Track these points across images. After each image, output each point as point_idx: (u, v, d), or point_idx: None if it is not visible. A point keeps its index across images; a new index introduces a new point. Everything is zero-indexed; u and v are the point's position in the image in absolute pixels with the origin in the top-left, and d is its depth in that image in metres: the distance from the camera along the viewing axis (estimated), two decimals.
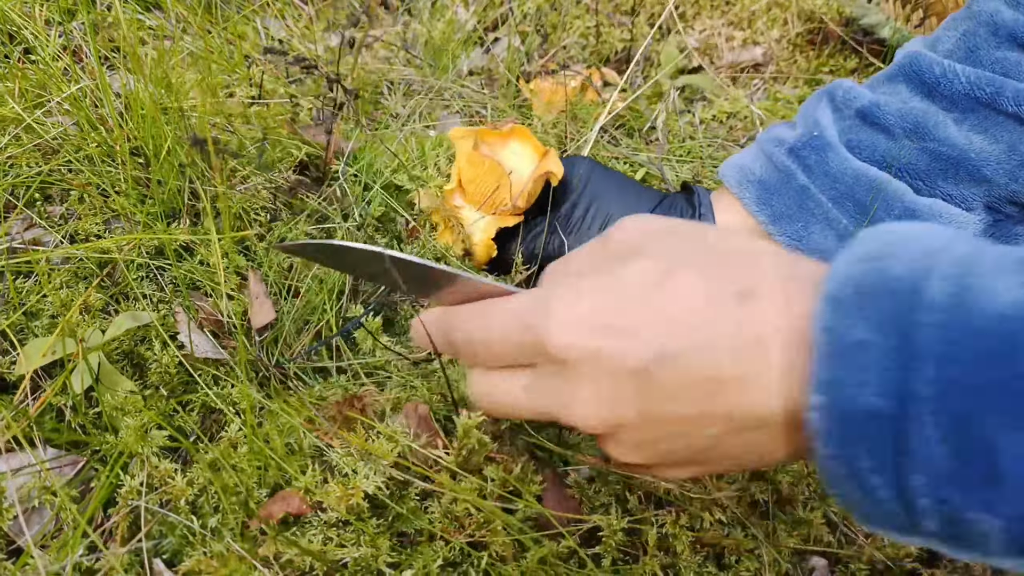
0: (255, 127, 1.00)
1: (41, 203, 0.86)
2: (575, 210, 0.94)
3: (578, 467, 0.77)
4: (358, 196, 0.94)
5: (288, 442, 0.70)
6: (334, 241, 0.57)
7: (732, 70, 1.44)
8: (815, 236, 0.84)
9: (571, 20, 1.46)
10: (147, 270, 0.82)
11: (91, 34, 0.84)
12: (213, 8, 1.21)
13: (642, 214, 0.54)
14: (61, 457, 0.67)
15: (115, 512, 0.64)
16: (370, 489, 0.65)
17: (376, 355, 0.82)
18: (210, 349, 0.76)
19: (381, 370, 0.82)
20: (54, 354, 0.70)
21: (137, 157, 0.88)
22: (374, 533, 0.64)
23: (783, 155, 0.86)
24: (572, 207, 0.94)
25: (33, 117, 0.85)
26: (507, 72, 1.28)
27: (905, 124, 0.82)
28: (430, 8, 1.44)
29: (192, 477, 0.66)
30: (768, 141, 0.89)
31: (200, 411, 0.74)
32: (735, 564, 0.69)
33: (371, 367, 0.82)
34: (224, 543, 0.62)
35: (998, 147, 0.79)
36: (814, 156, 0.84)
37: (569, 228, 0.93)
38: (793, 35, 1.50)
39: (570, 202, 0.95)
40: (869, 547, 0.71)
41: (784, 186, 0.86)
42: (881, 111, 0.83)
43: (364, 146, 1.00)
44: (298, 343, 0.82)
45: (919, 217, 0.81)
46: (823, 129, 0.85)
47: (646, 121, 1.26)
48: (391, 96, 1.24)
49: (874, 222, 0.81)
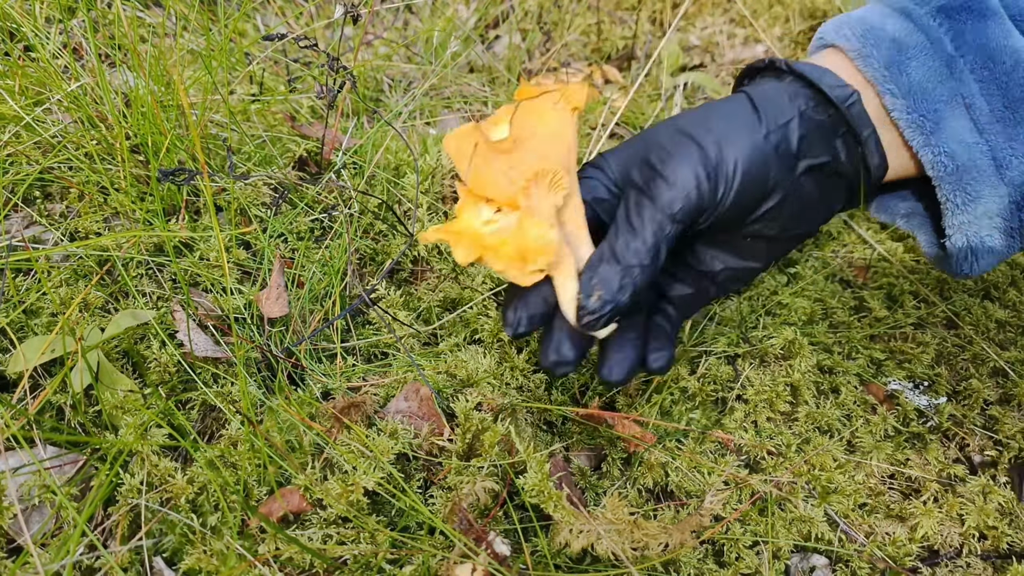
0: (255, 124, 0.99)
1: (41, 200, 0.86)
2: (642, 164, 0.66)
3: (579, 452, 0.78)
4: (356, 185, 0.94)
5: (288, 439, 0.70)
6: None
7: (734, 67, 1.44)
8: (950, 123, 0.66)
9: (573, 17, 1.46)
10: (146, 267, 0.82)
11: (91, 32, 0.84)
12: (214, 4, 1.20)
13: None
14: (61, 455, 0.67)
15: (115, 510, 0.64)
16: (370, 485, 0.65)
17: (383, 332, 0.82)
18: (210, 347, 0.76)
19: (392, 349, 0.82)
20: (53, 352, 0.70)
21: (137, 154, 0.88)
22: (374, 530, 0.64)
23: (928, 15, 0.68)
24: (636, 166, 0.66)
25: (33, 115, 0.85)
26: (507, 72, 1.28)
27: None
28: (431, 5, 1.44)
29: (192, 475, 0.66)
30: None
31: (200, 409, 0.74)
32: (735, 561, 0.69)
33: (379, 347, 0.82)
34: (224, 541, 0.62)
35: None
36: (971, 23, 0.66)
37: (658, 163, 0.65)
38: (795, 32, 1.49)
39: (637, 166, 0.66)
40: (870, 545, 0.71)
41: (927, 53, 0.67)
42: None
43: (365, 139, 1.00)
44: (306, 329, 0.82)
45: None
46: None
47: (648, 119, 1.26)
48: (392, 93, 1.24)
49: (1020, 122, 0.65)
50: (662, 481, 0.74)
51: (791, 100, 0.66)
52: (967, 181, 0.66)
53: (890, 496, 0.77)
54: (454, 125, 1.19)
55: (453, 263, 0.90)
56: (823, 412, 0.81)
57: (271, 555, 0.62)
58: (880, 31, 0.68)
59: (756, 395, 0.82)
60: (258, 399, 0.73)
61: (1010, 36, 0.65)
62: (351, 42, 1.33)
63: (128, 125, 0.85)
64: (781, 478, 0.75)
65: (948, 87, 0.66)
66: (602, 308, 0.59)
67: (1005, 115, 0.65)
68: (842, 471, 0.76)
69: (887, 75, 0.66)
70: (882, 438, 0.81)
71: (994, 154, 0.66)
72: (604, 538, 0.63)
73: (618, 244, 0.61)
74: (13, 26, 0.97)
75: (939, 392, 0.85)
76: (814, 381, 0.85)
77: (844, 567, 0.70)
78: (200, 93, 0.97)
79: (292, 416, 0.70)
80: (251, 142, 0.96)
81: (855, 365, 0.87)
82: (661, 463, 0.74)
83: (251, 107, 1.05)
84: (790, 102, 0.66)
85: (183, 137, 0.86)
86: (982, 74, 0.66)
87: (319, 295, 0.84)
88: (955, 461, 0.80)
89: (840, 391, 0.85)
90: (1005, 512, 0.74)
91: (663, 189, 0.61)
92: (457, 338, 0.84)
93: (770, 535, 0.71)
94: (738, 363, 0.86)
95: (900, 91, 0.66)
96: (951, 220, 0.69)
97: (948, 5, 0.67)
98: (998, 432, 0.82)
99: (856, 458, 0.78)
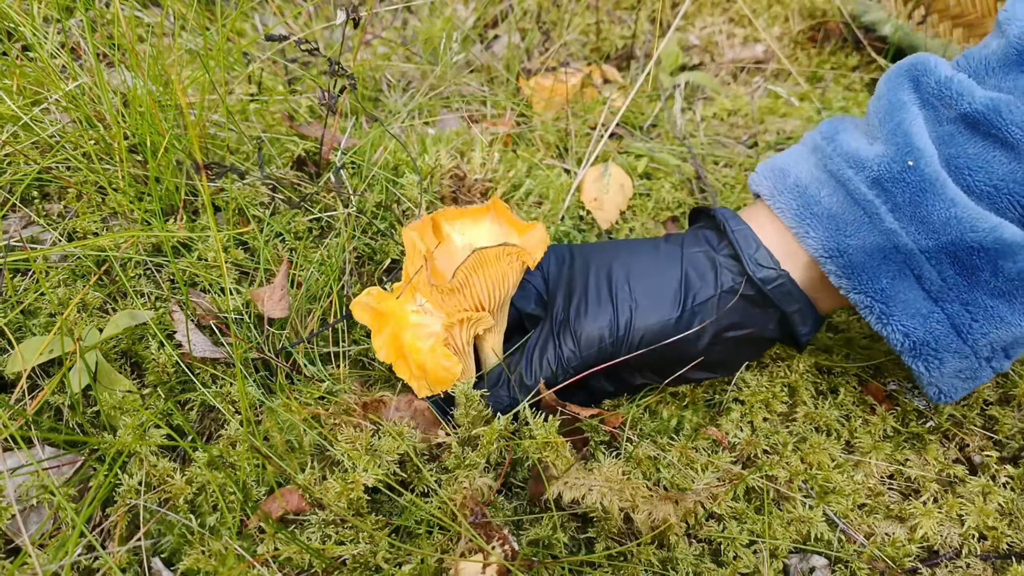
0: (253, 123, 0.99)
1: (39, 200, 0.86)
2: (572, 296, 0.72)
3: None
4: (356, 186, 0.93)
5: (288, 439, 0.70)
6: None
7: (733, 67, 1.44)
8: (899, 298, 0.64)
9: (572, 17, 1.46)
10: (144, 268, 0.81)
11: (89, 31, 0.84)
12: (212, 4, 1.20)
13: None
14: (59, 456, 0.67)
15: (114, 511, 0.64)
16: (370, 482, 0.64)
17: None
18: (208, 347, 0.76)
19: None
20: (51, 352, 0.69)
21: (135, 154, 0.88)
22: (372, 529, 0.64)
23: (863, 185, 0.64)
24: (567, 294, 0.73)
25: (31, 115, 0.85)
26: (505, 72, 1.27)
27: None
28: (430, 5, 1.44)
29: (191, 476, 0.66)
30: (838, 159, 0.66)
31: (199, 409, 0.74)
32: (733, 560, 0.69)
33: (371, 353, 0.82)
34: (223, 541, 0.62)
35: None
36: (907, 194, 0.62)
37: (574, 315, 0.71)
38: (794, 32, 1.49)
39: (564, 291, 0.73)
40: (870, 546, 0.71)
41: (866, 228, 0.64)
42: (1002, 119, 0.59)
43: (365, 140, 1.00)
44: (303, 330, 0.81)
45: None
46: (920, 156, 0.62)
47: (647, 119, 1.26)
48: (391, 93, 1.24)
49: (977, 285, 0.62)
50: (653, 476, 0.74)
51: (717, 276, 0.70)
52: (927, 353, 0.66)
53: (889, 496, 0.76)
54: (453, 125, 1.19)
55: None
56: (821, 412, 0.81)
57: (270, 555, 0.62)
58: (815, 202, 0.66)
59: (752, 396, 0.81)
60: (257, 399, 0.73)
61: (953, 207, 0.61)
62: (350, 42, 1.33)
63: (126, 125, 0.85)
64: (776, 474, 0.75)
65: (895, 262, 0.63)
66: (492, 410, 0.71)
67: (959, 282, 0.62)
68: (841, 471, 0.76)
69: (827, 258, 0.65)
70: (881, 438, 0.81)
71: (952, 321, 0.64)
72: (595, 491, 0.64)
73: (517, 375, 0.71)
74: (11, 26, 0.97)
75: None
76: (812, 382, 0.85)
77: (843, 567, 0.70)
78: (198, 93, 0.96)
79: (292, 417, 0.70)
80: (248, 142, 0.96)
81: (854, 365, 0.87)
82: (651, 456, 0.74)
83: (249, 107, 1.05)
84: (715, 278, 0.70)
85: (181, 136, 0.86)
86: (927, 244, 0.62)
87: (316, 295, 0.84)
88: (955, 461, 0.80)
89: (839, 391, 0.84)
90: (1005, 512, 0.74)
91: (569, 343, 0.70)
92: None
93: (767, 534, 0.71)
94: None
95: (843, 272, 0.65)
96: (919, 378, 0.70)
97: (882, 177, 0.63)
98: (997, 432, 0.82)
99: (855, 458, 0.78)
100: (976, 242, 0.60)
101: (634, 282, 0.70)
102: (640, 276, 0.70)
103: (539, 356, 0.71)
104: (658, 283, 0.70)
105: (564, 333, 0.70)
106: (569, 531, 0.68)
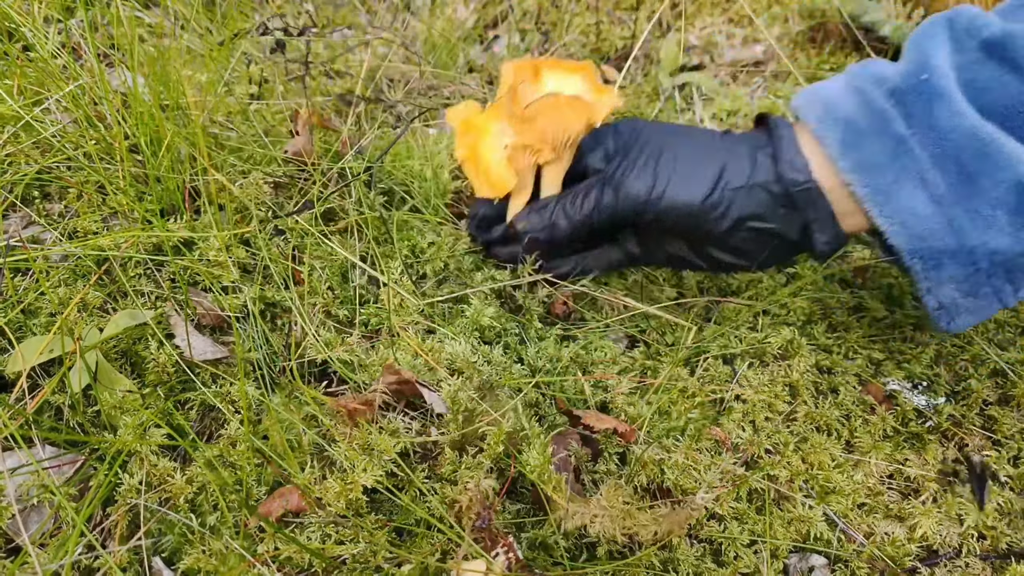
0: (253, 123, 0.99)
1: (39, 200, 0.86)
2: (626, 160, 0.82)
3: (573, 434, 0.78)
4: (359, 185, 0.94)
5: (288, 439, 0.70)
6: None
7: (733, 67, 1.44)
8: (903, 195, 0.70)
9: (572, 17, 1.46)
10: (145, 267, 0.81)
11: (90, 31, 0.84)
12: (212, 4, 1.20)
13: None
14: (59, 455, 0.67)
15: (114, 510, 0.64)
16: (369, 483, 0.65)
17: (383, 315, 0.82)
18: (208, 348, 0.76)
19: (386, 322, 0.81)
20: (51, 352, 0.69)
21: (136, 154, 0.88)
22: (372, 528, 0.64)
23: (881, 97, 0.72)
24: (623, 158, 0.83)
25: (32, 115, 0.85)
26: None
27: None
28: (430, 5, 1.44)
29: (191, 475, 0.66)
30: (864, 77, 0.75)
31: (199, 409, 0.74)
32: (733, 560, 0.69)
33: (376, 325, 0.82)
34: (223, 541, 0.62)
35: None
36: (919, 104, 0.70)
37: (621, 174, 0.81)
38: (794, 33, 1.49)
39: (622, 155, 0.83)
40: (869, 545, 0.71)
41: (878, 132, 0.71)
42: (1015, 43, 0.67)
43: (368, 140, 1.00)
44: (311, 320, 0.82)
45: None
46: (934, 71, 0.70)
47: (647, 119, 1.26)
48: (391, 93, 1.24)
49: (977, 193, 0.68)
50: (658, 479, 0.74)
51: (753, 169, 0.77)
52: (925, 249, 0.71)
53: (889, 496, 0.77)
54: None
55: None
56: (822, 412, 0.81)
57: (270, 555, 0.62)
58: (836, 110, 0.74)
59: (755, 394, 0.82)
60: (256, 399, 0.73)
61: (958, 116, 0.68)
62: (350, 42, 1.33)
63: (127, 125, 0.85)
64: (778, 474, 0.75)
65: (901, 163, 0.70)
66: (521, 233, 0.86)
67: (961, 187, 0.68)
68: (841, 471, 0.76)
69: (840, 153, 0.73)
70: (881, 438, 0.81)
71: (952, 224, 0.69)
72: (598, 521, 0.65)
73: (559, 204, 0.85)
74: (12, 26, 0.97)
75: (938, 392, 0.85)
76: (813, 381, 0.85)
77: (843, 567, 0.70)
78: (199, 92, 0.96)
79: (292, 416, 0.70)
80: (252, 142, 0.96)
81: (854, 365, 0.87)
82: (656, 460, 0.74)
83: (250, 107, 1.05)
84: (751, 171, 0.77)
85: (182, 135, 0.86)
86: (934, 150, 0.69)
87: (317, 290, 0.84)
88: (954, 461, 0.80)
89: (839, 391, 0.85)
90: (1004, 512, 0.75)
91: (610, 193, 0.81)
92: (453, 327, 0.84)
93: (768, 534, 0.71)
94: (736, 363, 0.86)
95: (852, 167, 0.72)
96: (918, 283, 0.74)
97: (899, 88, 0.72)
98: (997, 432, 0.82)
99: (855, 457, 0.78)
100: (978, 150, 0.66)
101: (680, 161, 0.79)
102: (686, 158, 0.79)
103: (583, 196, 0.83)
104: (700, 165, 0.79)
105: (609, 185, 0.81)
106: (572, 537, 0.68)
